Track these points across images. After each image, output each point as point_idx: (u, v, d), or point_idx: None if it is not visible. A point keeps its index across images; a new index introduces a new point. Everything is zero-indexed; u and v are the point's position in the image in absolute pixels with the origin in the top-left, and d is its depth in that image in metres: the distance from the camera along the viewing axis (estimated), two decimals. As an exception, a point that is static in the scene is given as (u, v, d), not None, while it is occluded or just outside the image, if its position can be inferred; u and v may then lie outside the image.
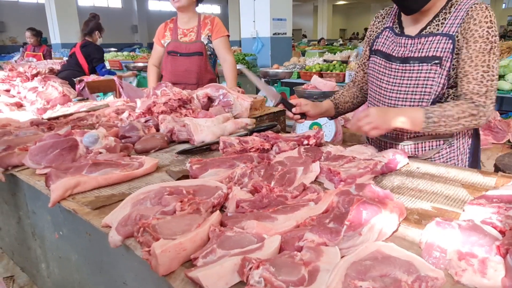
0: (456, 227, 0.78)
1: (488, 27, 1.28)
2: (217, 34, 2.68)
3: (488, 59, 1.29)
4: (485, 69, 1.29)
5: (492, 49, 1.29)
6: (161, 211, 0.92)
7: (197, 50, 2.64)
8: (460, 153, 1.49)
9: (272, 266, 0.67)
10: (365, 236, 0.81)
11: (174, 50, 2.68)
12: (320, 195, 1.03)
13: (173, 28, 2.73)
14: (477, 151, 1.55)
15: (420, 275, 0.66)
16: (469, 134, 1.50)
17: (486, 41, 1.28)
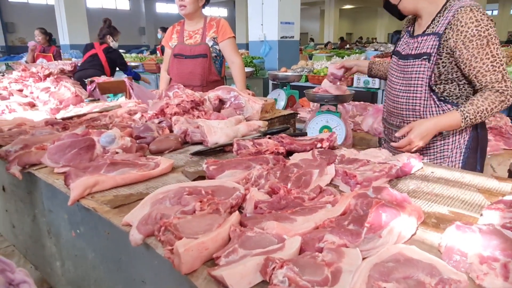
0: (476, 231, 0.78)
1: (475, 26, 1.44)
2: (223, 36, 2.69)
3: (489, 50, 1.44)
4: (492, 59, 1.44)
5: (488, 41, 1.43)
6: (181, 211, 0.93)
7: (201, 52, 2.65)
8: (454, 147, 1.60)
9: (296, 266, 0.68)
10: (385, 239, 0.82)
11: (179, 52, 2.70)
12: (336, 197, 1.04)
13: (180, 30, 2.75)
14: (475, 150, 1.61)
15: (443, 278, 0.66)
16: (467, 131, 1.59)
17: (480, 37, 1.44)
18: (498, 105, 1.46)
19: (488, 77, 1.45)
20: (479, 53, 1.44)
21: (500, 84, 1.45)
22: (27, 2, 17.50)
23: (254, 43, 7.64)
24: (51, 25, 11.20)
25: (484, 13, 1.45)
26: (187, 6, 2.57)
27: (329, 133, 1.58)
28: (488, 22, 1.44)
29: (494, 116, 1.56)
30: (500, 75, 1.45)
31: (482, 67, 1.45)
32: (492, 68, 1.44)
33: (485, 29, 1.43)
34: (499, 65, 1.44)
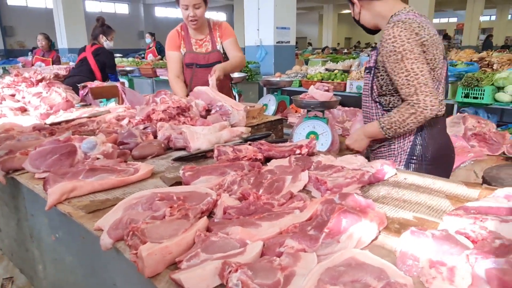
0: (429, 236, 0.81)
1: (392, 42, 1.53)
2: (226, 37, 2.67)
3: (404, 65, 1.52)
4: (406, 73, 1.53)
5: (403, 57, 1.52)
6: (151, 216, 0.96)
7: (215, 60, 2.62)
8: (398, 153, 1.73)
9: (250, 270, 0.71)
10: (344, 244, 0.85)
11: (192, 62, 2.64)
12: (306, 203, 1.07)
13: (185, 37, 2.65)
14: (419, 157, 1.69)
15: (389, 282, 0.70)
16: (410, 139, 1.68)
17: (395, 53, 1.53)
18: (409, 116, 1.55)
19: (403, 90, 1.55)
20: (396, 67, 1.54)
21: (412, 98, 1.53)
22: (26, 6, 17.59)
23: (250, 48, 7.69)
24: (50, 28, 11.28)
25: (407, 28, 1.51)
26: (199, 20, 2.50)
27: (308, 139, 1.62)
28: (405, 38, 1.50)
29: (416, 126, 1.63)
30: (413, 89, 1.52)
31: (399, 80, 1.55)
32: (406, 82, 1.53)
33: (400, 44, 1.50)
34: (413, 79, 1.51)
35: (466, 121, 2.61)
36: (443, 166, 1.74)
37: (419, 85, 1.51)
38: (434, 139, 1.69)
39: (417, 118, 1.55)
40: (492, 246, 0.78)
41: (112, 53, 4.65)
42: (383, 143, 1.76)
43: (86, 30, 11.97)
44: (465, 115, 2.70)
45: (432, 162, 1.69)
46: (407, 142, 1.70)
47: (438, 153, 1.70)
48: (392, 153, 1.75)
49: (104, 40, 4.58)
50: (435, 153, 1.69)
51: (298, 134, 2.56)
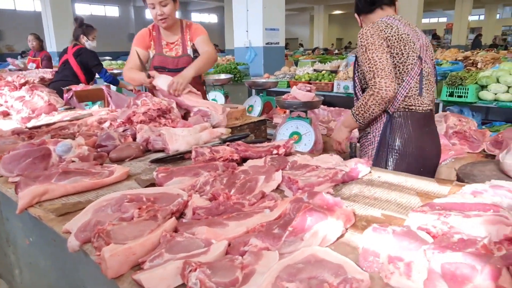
0: (390, 233, 0.82)
1: (360, 38, 1.79)
2: (196, 36, 2.55)
3: (366, 55, 1.75)
4: (368, 62, 1.75)
5: (367, 49, 1.75)
6: (119, 218, 0.96)
7: (185, 64, 2.47)
8: (371, 143, 1.90)
9: (209, 269, 0.72)
10: (308, 242, 0.86)
11: (161, 65, 2.54)
12: (277, 202, 1.08)
13: (156, 38, 2.57)
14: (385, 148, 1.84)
15: (346, 277, 0.71)
16: (379, 129, 1.84)
17: (362, 46, 1.78)
18: (369, 98, 1.74)
19: (367, 77, 1.78)
20: (362, 59, 1.78)
21: (371, 81, 1.74)
22: (14, 9, 17.44)
23: (239, 49, 7.71)
24: (38, 32, 11.16)
25: (374, 27, 1.77)
26: (169, 18, 2.40)
27: (289, 139, 1.63)
28: (369, 34, 1.75)
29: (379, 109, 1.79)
30: (372, 74, 1.74)
31: (364, 69, 1.77)
32: (369, 69, 1.75)
33: (365, 38, 1.77)
34: (373, 66, 1.73)
35: (447, 120, 2.65)
36: (416, 159, 1.80)
37: (377, 70, 1.72)
38: (404, 132, 1.79)
39: (375, 99, 1.73)
40: (450, 241, 0.80)
41: (94, 52, 4.45)
42: (364, 132, 1.93)
43: (76, 34, 11.89)
44: (447, 114, 2.74)
45: (402, 154, 1.80)
46: (377, 133, 1.86)
47: (410, 146, 1.79)
48: (370, 142, 1.91)
49: (85, 40, 4.44)
50: (406, 145, 1.79)
51: (281, 135, 2.58)
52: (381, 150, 1.83)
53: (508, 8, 28.60)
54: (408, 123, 1.79)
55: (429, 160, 1.86)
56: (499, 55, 4.84)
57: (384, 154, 1.82)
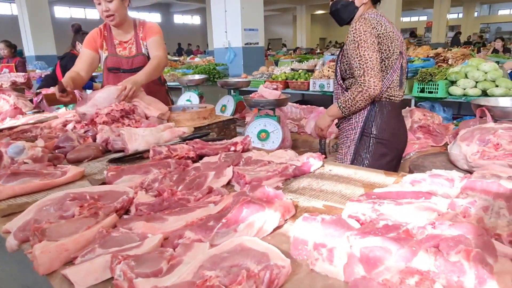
0: (319, 221, 0.85)
1: (353, 33, 1.85)
2: (148, 36, 2.46)
3: (358, 52, 1.83)
4: (359, 58, 1.84)
5: (359, 45, 1.83)
6: (59, 216, 0.97)
7: (140, 64, 2.44)
8: (353, 128, 2.01)
9: (135, 261, 0.73)
10: (242, 233, 0.88)
11: (115, 66, 2.47)
12: (223, 197, 1.10)
13: (107, 38, 2.46)
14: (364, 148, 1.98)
15: (268, 264, 0.73)
16: (363, 116, 1.96)
17: (354, 41, 1.84)
18: (358, 94, 1.86)
19: (356, 72, 1.87)
20: (353, 54, 1.85)
21: (360, 78, 1.84)
22: (-9, 13, 17.12)
23: (219, 50, 7.72)
24: (16, 36, 11.00)
25: (366, 23, 1.83)
26: (115, 15, 2.31)
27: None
28: (362, 30, 1.82)
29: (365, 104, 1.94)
30: (362, 71, 1.83)
31: (354, 64, 1.86)
32: (359, 65, 1.84)
33: (358, 35, 1.83)
34: (363, 63, 1.83)
35: (413, 115, 2.71)
36: (391, 144, 1.97)
37: (367, 68, 1.82)
38: (383, 120, 1.95)
39: (363, 95, 1.85)
40: (375, 227, 0.83)
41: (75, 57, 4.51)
42: (343, 119, 2.06)
43: (55, 37, 11.73)
44: (412, 109, 2.80)
45: (380, 139, 1.96)
46: (361, 119, 1.98)
47: (386, 132, 1.95)
48: (350, 128, 2.03)
49: (80, 47, 4.43)
50: (383, 132, 1.95)
51: (250, 133, 2.60)
52: (364, 134, 1.97)
53: (486, 6, 29.29)
54: (389, 111, 1.97)
55: (402, 144, 2.08)
56: (469, 51, 4.96)
57: (367, 138, 1.97)
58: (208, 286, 0.64)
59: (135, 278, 0.67)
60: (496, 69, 3.87)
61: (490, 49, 8.98)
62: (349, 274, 0.73)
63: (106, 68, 2.51)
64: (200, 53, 16.51)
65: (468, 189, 1.03)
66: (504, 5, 28.88)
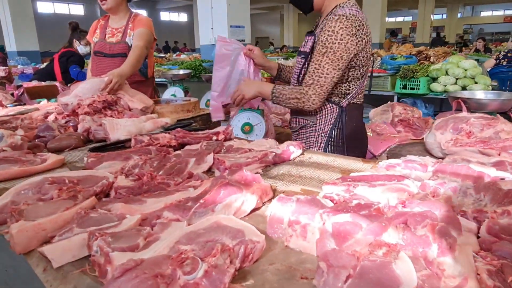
0: (294, 201, 0.87)
1: (328, 35, 1.59)
2: (136, 27, 2.57)
3: (321, 59, 1.62)
4: (316, 66, 1.63)
5: (326, 52, 1.60)
6: (38, 198, 0.97)
7: (120, 51, 2.59)
8: (318, 134, 1.82)
9: (112, 237, 0.74)
10: (219, 213, 0.90)
11: (99, 50, 2.63)
12: (203, 182, 1.12)
13: (103, 26, 2.66)
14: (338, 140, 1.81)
15: (244, 240, 0.75)
16: (331, 122, 1.79)
17: (324, 45, 1.61)
18: (294, 98, 1.70)
19: (306, 77, 1.68)
20: (314, 57, 1.65)
21: (305, 87, 1.67)
22: (-29, 8, 16.65)
23: (205, 47, 7.71)
24: (-3, 31, 10.78)
25: (348, 27, 1.57)
26: (108, 0, 2.48)
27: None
28: (341, 37, 1.57)
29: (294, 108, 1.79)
30: (310, 81, 1.65)
31: (309, 68, 1.67)
32: (312, 72, 1.65)
33: (332, 41, 1.58)
34: (317, 75, 1.63)
35: (394, 109, 2.76)
36: (357, 148, 1.87)
37: (317, 83, 1.64)
38: (351, 124, 1.81)
39: (298, 104, 1.71)
40: (348, 206, 0.86)
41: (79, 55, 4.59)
42: (306, 125, 1.85)
43: (39, 32, 11.52)
44: (393, 103, 2.85)
45: (348, 144, 1.82)
46: (328, 125, 1.81)
47: (353, 137, 1.83)
48: (313, 135, 1.85)
49: (77, 45, 4.58)
50: (350, 136, 1.82)
51: (234, 126, 2.61)
52: (333, 141, 1.81)
53: (469, 8, 29.88)
54: (357, 114, 1.85)
55: (366, 146, 1.99)
56: (450, 50, 5.07)
57: (337, 144, 1.81)
58: (184, 258, 0.66)
59: (111, 252, 0.68)
60: (476, 66, 3.97)
61: (472, 48, 9.18)
62: (321, 249, 0.75)
63: (93, 51, 2.66)
64: (187, 51, 16.45)
65: (439, 172, 1.07)
66: (486, 7, 29.54)
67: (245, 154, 1.34)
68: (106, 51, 2.62)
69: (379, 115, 2.85)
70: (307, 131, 1.87)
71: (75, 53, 4.57)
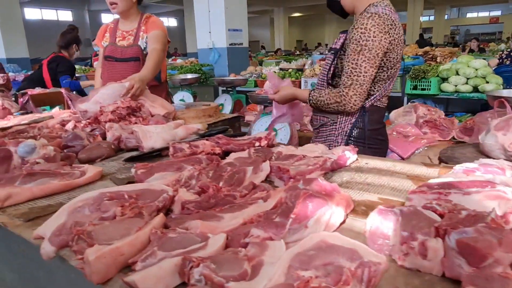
0: (397, 213, 0.78)
1: (361, 32, 1.55)
2: (150, 30, 2.45)
3: (357, 58, 1.57)
4: (354, 66, 1.58)
5: (362, 50, 1.56)
6: (100, 217, 0.86)
7: (132, 55, 2.45)
8: (338, 133, 1.77)
9: (213, 263, 0.64)
10: (312, 228, 0.80)
11: (110, 55, 2.49)
12: (269, 193, 1.02)
13: (113, 29, 2.53)
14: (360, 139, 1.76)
15: (363, 261, 0.65)
16: (351, 121, 1.74)
17: (357, 43, 1.56)
18: (334, 103, 1.65)
19: (343, 78, 1.62)
20: (350, 56, 1.59)
21: (344, 89, 1.61)
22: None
23: (203, 51, 7.59)
24: (-15, 38, 10.46)
25: (380, 24, 1.54)
26: (118, 4, 2.37)
27: (266, 132, 1.57)
28: (374, 34, 1.53)
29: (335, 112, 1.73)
30: (349, 82, 1.60)
31: (345, 68, 1.61)
32: (350, 73, 1.59)
33: (366, 38, 1.54)
34: (355, 75, 1.58)
35: (417, 110, 2.70)
36: (378, 149, 1.80)
37: (357, 83, 1.59)
38: (372, 125, 1.76)
39: (338, 107, 1.66)
40: (459, 217, 0.77)
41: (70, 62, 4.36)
42: (326, 123, 1.80)
43: (26, 39, 11.26)
44: (415, 104, 2.79)
45: (369, 145, 1.77)
46: (348, 125, 1.76)
47: (373, 137, 1.78)
48: (333, 133, 1.80)
49: (75, 49, 4.40)
50: (371, 137, 1.77)
51: (256, 131, 2.52)
52: (353, 141, 1.75)
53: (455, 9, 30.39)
54: (378, 117, 1.79)
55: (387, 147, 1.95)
56: (456, 50, 5.07)
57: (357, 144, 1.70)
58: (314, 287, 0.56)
59: (226, 283, 0.58)
60: (486, 66, 3.96)
61: (466, 49, 9.26)
62: (451, 269, 0.67)
63: (103, 56, 2.52)
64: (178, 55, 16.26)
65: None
66: (471, 9, 30.07)
67: (303, 161, 1.25)
68: (118, 55, 2.48)
69: (402, 117, 2.78)
70: (327, 129, 1.82)
71: (65, 59, 4.31)
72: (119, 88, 2.02)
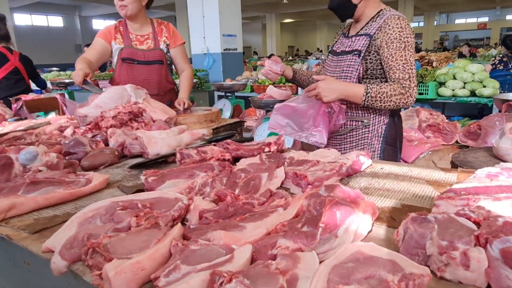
0: (432, 221, 0.74)
1: (399, 31, 1.63)
2: (175, 42, 2.56)
3: (404, 54, 1.63)
4: (404, 61, 1.63)
5: (406, 46, 1.64)
6: (114, 228, 0.81)
7: (157, 58, 2.47)
8: (373, 135, 1.79)
9: (246, 278, 0.59)
10: (342, 238, 0.76)
11: (130, 57, 2.44)
12: (288, 200, 0.97)
13: (124, 32, 2.48)
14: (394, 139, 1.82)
15: (405, 273, 0.61)
16: (384, 122, 1.78)
17: (400, 41, 1.63)
18: (398, 94, 1.60)
19: (397, 74, 1.63)
20: (396, 54, 1.63)
21: (406, 82, 1.62)
22: None
23: (197, 56, 7.54)
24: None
25: (408, 24, 1.67)
26: (128, 6, 2.34)
27: (276, 136, 1.53)
28: (410, 32, 1.66)
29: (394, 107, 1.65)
30: (407, 75, 1.63)
31: (395, 66, 1.63)
32: (403, 68, 1.62)
33: (406, 36, 1.64)
34: (409, 68, 1.63)
35: (419, 114, 2.69)
36: (397, 150, 1.85)
37: (413, 75, 1.64)
38: (401, 124, 1.86)
39: (401, 100, 1.61)
40: (497, 225, 0.73)
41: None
42: (356, 127, 1.79)
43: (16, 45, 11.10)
44: (418, 108, 2.78)
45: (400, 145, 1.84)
46: (382, 126, 1.78)
47: (398, 137, 1.85)
48: (367, 136, 1.79)
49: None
50: (399, 137, 1.84)
51: (259, 136, 2.48)
52: (389, 142, 1.80)
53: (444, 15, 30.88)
54: (399, 116, 1.86)
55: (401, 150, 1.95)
56: (451, 54, 5.10)
57: (393, 145, 1.81)
58: (362, 304, 0.51)
59: (265, 301, 0.53)
60: (483, 70, 3.98)
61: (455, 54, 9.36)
62: (496, 280, 0.63)
63: (120, 58, 2.46)
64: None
65: (559, 180, 0.97)
66: (460, 15, 30.56)
67: (318, 167, 1.20)
68: (140, 58, 2.46)
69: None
70: (359, 133, 1.80)
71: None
72: (121, 91, 1.97)
